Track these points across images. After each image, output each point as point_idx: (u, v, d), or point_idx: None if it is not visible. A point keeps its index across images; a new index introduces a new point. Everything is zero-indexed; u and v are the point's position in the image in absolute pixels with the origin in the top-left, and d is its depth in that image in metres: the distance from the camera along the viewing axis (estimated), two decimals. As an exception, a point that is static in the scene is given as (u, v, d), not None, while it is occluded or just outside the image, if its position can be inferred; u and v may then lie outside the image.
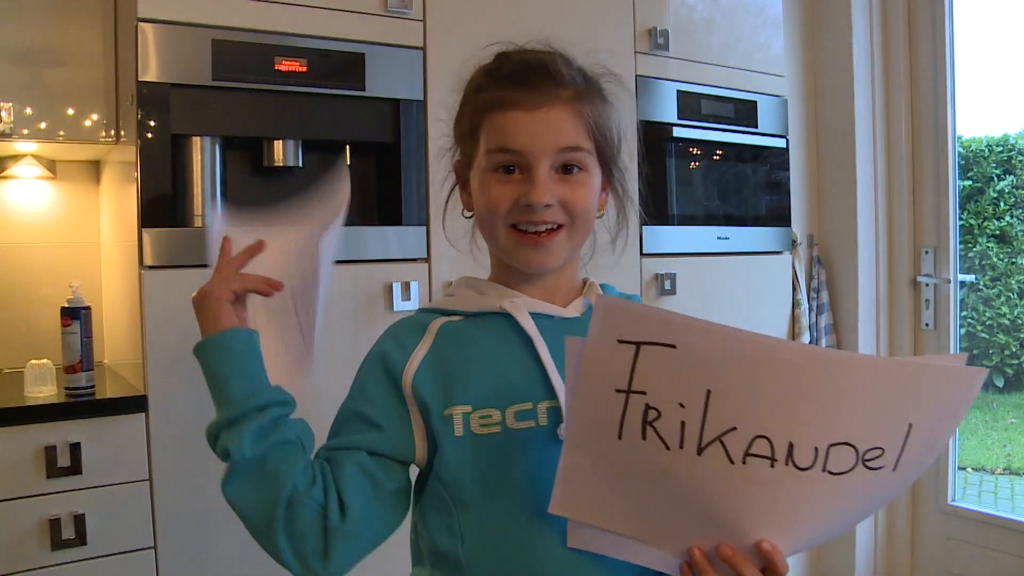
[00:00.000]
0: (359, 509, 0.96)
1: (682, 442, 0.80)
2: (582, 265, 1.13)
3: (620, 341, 0.78)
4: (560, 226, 1.00)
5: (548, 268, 1.02)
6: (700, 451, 0.80)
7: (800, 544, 0.86)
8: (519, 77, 0.99)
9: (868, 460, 0.79)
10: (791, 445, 0.78)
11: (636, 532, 0.87)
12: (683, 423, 0.79)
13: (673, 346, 0.77)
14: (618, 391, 0.80)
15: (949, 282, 3.05)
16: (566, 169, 0.99)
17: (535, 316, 1.02)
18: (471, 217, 1.08)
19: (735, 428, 0.78)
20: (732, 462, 0.80)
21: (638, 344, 0.78)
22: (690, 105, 2.68)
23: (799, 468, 0.79)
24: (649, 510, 0.85)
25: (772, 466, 0.79)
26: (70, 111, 2.12)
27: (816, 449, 0.78)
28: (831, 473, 0.79)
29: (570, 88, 1.00)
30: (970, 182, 3.41)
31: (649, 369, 0.78)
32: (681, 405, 0.79)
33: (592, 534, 0.88)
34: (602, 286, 1.13)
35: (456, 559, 0.97)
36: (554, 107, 0.98)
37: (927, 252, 3.10)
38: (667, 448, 0.81)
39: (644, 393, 0.79)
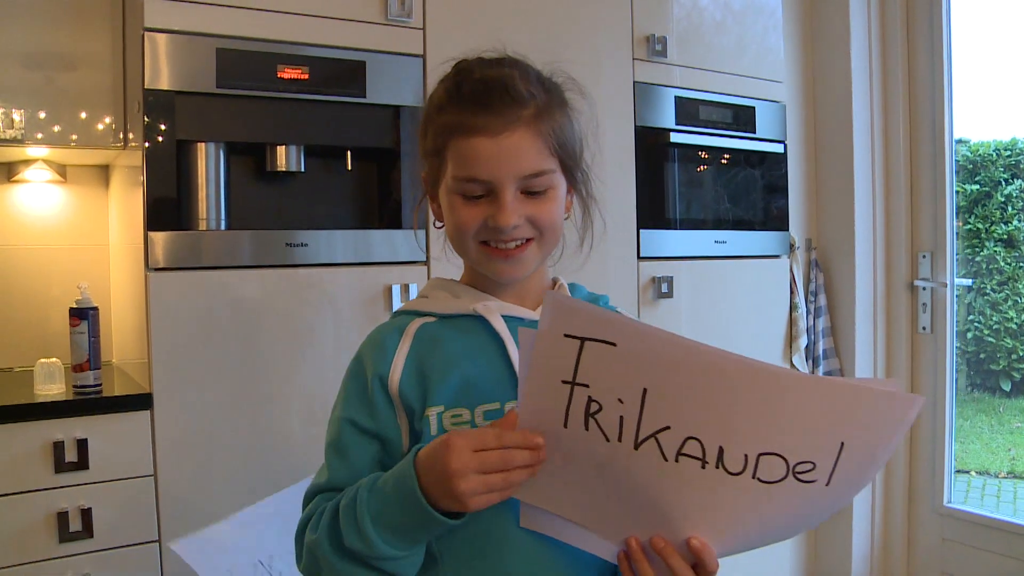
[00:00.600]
0: None
1: (620, 435, 0.84)
2: (552, 263, 1.15)
3: (566, 335, 0.82)
4: (529, 239, 1.03)
5: (519, 278, 1.05)
6: (637, 446, 0.84)
7: (732, 545, 0.89)
8: (480, 98, 1.00)
9: (799, 473, 0.83)
10: (721, 449, 0.82)
11: (580, 518, 0.91)
12: (621, 418, 0.83)
13: (614, 344, 0.81)
14: (564, 382, 0.84)
15: (946, 286, 3.07)
16: (531, 191, 1.02)
17: (507, 318, 1.05)
18: (442, 227, 1.10)
19: (669, 427, 0.83)
20: (666, 459, 0.84)
21: (582, 339, 0.82)
22: (688, 111, 2.70)
23: (729, 472, 0.83)
24: (592, 498, 0.89)
25: (703, 467, 0.83)
26: (81, 116, 2.16)
27: (746, 456, 0.82)
28: (761, 481, 0.83)
29: (531, 107, 1.01)
30: (978, 186, 3.40)
31: (592, 364, 0.82)
32: (620, 400, 0.83)
33: (542, 517, 0.92)
34: (571, 286, 1.16)
35: (429, 550, 1.00)
36: (516, 131, 0.99)
37: (924, 256, 3.12)
38: (607, 440, 0.85)
39: (587, 386, 0.83)
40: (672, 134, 2.66)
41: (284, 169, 2.09)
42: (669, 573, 0.89)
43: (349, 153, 2.21)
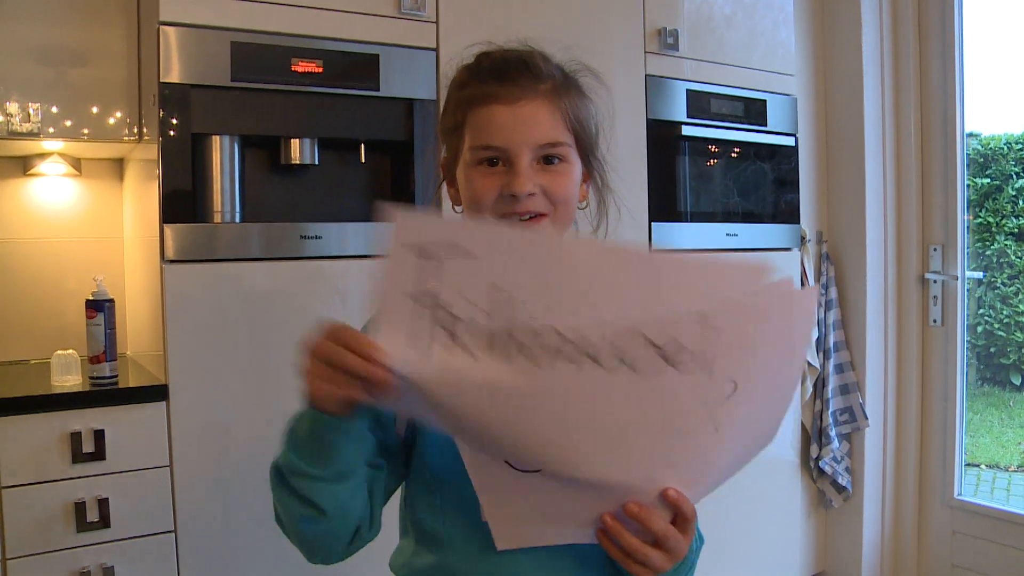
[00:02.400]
0: (380, 517, 1.03)
1: (491, 347, 0.79)
2: None
3: (406, 244, 0.80)
4: (543, 215, 1.04)
5: None
6: (500, 355, 0.80)
7: (698, 491, 0.87)
8: (499, 72, 1.03)
9: (668, 355, 0.78)
10: (582, 336, 0.78)
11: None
12: (478, 324, 0.80)
13: (455, 243, 0.79)
14: (411, 296, 0.81)
15: (957, 279, 3.07)
16: (547, 160, 1.04)
17: None
18: (461, 212, 1.11)
19: (528, 323, 0.78)
20: (539, 366, 0.79)
21: (423, 244, 0.79)
22: (700, 104, 2.70)
23: (598, 363, 0.78)
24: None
25: (578, 368, 0.79)
26: (94, 110, 2.17)
27: (604, 337, 0.78)
28: (633, 370, 0.78)
29: (548, 82, 1.04)
30: (989, 180, 3.39)
31: (439, 272, 0.79)
32: (471, 303, 0.79)
33: (513, 532, 0.90)
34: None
35: (437, 534, 1.02)
36: (533, 100, 1.02)
37: (935, 249, 3.12)
38: (474, 358, 0.80)
39: (436, 295, 0.80)
40: (684, 127, 2.66)
41: (298, 162, 2.10)
42: (651, 534, 0.87)
43: (363, 146, 2.22)
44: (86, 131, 2.17)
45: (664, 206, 2.64)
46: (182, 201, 1.94)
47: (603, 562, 1.03)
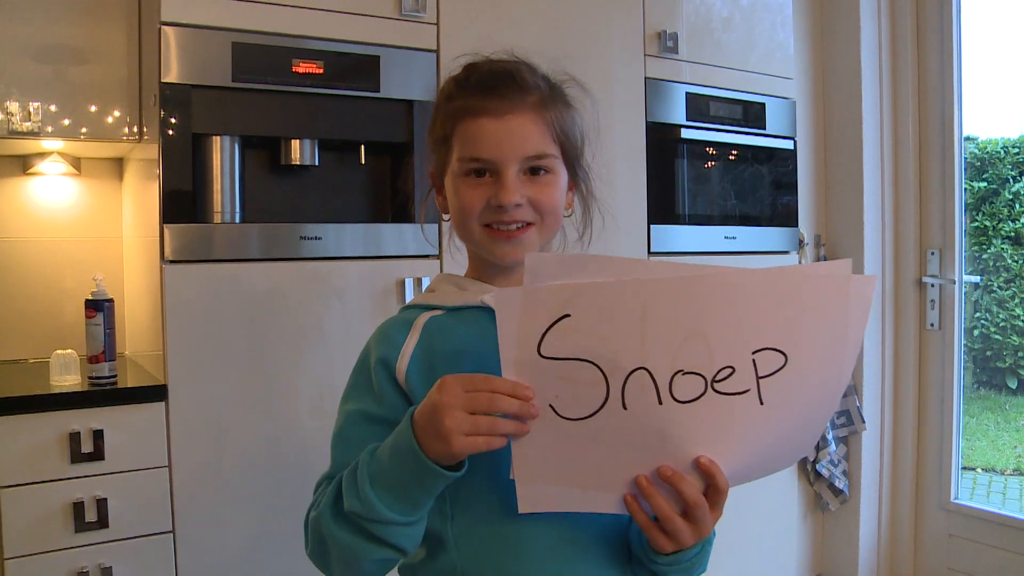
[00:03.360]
0: None
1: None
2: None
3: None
4: (530, 224, 1.05)
5: (521, 261, 1.04)
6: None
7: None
8: (486, 85, 1.05)
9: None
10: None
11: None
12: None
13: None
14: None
15: (954, 283, 3.08)
16: (533, 171, 1.05)
17: None
18: (449, 219, 1.13)
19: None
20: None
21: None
22: (699, 107, 2.71)
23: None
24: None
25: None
26: (93, 109, 2.17)
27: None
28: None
29: (535, 94, 1.05)
30: (985, 183, 3.40)
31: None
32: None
33: (539, 495, 0.91)
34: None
35: (443, 538, 1.01)
36: (520, 114, 1.04)
37: (933, 253, 3.13)
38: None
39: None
40: (683, 130, 2.67)
41: (298, 163, 2.10)
42: (681, 502, 0.89)
43: (363, 147, 2.22)
44: (84, 130, 2.16)
45: (663, 209, 2.64)
46: (182, 201, 1.94)
47: (613, 563, 1.03)
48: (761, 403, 0.86)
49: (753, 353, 0.85)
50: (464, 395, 0.86)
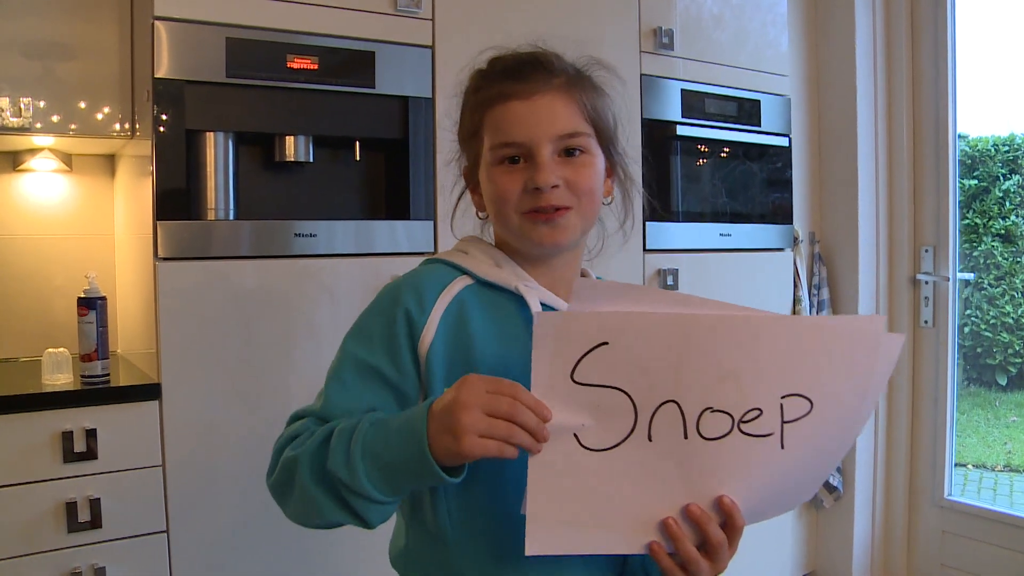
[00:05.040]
0: None
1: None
2: (591, 258, 1.17)
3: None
4: (568, 208, 1.03)
5: (561, 245, 1.04)
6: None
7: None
8: (512, 71, 1.04)
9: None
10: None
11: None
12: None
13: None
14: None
15: (948, 280, 3.09)
16: (569, 152, 1.03)
17: (542, 305, 1.04)
18: (486, 218, 1.11)
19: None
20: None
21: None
22: (694, 104, 2.71)
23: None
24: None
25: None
26: (83, 105, 2.15)
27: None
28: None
29: (561, 76, 1.04)
30: (976, 181, 3.41)
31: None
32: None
33: (551, 537, 0.89)
34: (596, 279, 1.16)
35: (442, 533, 1.00)
36: (548, 93, 1.02)
37: (927, 250, 3.13)
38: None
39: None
40: (678, 127, 2.66)
41: (293, 159, 2.09)
42: (704, 543, 0.89)
43: (358, 144, 2.20)
44: (74, 126, 2.14)
45: (658, 205, 2.63)
46: (176, 198, 1.92)
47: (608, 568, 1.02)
48: (782, 447, 0.87)
49: (782, 398, 0.86)
50: (486, 395, 0.84)
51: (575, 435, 0.86)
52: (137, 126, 2.14)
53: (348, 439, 0.91)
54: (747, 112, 2.83)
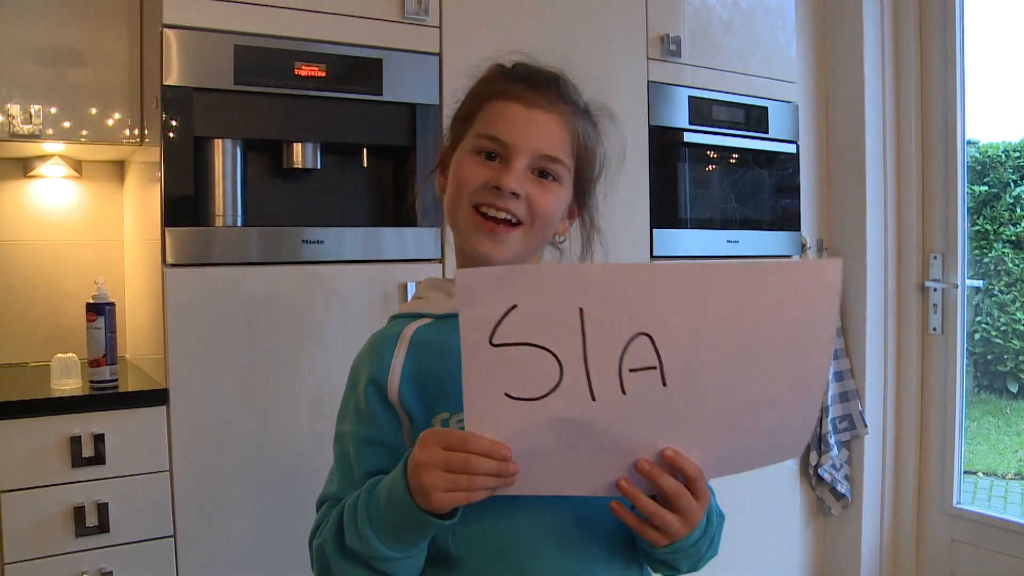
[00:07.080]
0: None
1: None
2: None
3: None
4: (519, 224, 1.04)
5: (496, 260, 1.04)
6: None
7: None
8: (530, 78, 1.06)
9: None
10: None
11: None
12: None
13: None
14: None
15: (957, 287, 3.08)
16: (542, 174, 1.04)
17: None
18: (443, 198, 1.12)
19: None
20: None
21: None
22: (701, 111, 2.71)
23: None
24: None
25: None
26: (93, 111, 2.16)
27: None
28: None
29: (571, 105, 1.06)
30: (986, 187, 3.40)
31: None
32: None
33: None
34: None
35: (447, 552, 1.00)
36: (551, 113, 1.04)
37: (935, 257, 3.12)
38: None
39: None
40: (686, 134, 2.66)
41: (300, 166, 2.09)
42: (661, 494, 0.89)
43: (365, 150, 2.21)
44: (85, 133, 2.16)
45: (666, 213, 2.63)
46: (184, 205, 1.93)
47: (619, 561, 1.02)
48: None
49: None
50: (442, 453, 0.85)
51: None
52: (146, 133, 2.15)
53: (354, 514, 0.95)
54: (755, 119, 2.83)
